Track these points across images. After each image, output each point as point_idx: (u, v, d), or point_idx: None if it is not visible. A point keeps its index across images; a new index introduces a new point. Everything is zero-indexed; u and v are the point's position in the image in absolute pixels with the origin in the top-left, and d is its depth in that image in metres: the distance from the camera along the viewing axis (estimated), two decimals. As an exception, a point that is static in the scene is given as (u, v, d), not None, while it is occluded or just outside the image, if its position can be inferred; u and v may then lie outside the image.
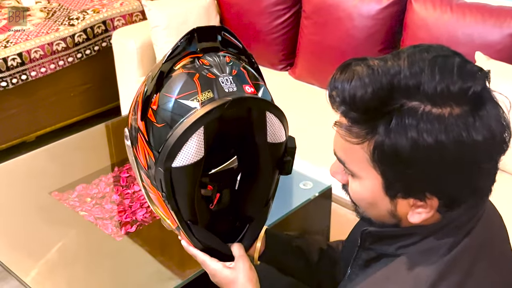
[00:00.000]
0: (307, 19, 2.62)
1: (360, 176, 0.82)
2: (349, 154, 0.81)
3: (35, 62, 2.87)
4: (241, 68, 0.99)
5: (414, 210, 0.80)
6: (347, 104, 0.76)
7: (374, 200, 0.82)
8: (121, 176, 1.91)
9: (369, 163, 0.78)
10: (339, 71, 0.78)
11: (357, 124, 0.77)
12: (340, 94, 0.77)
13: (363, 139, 0.77)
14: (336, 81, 0.77)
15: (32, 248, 1.65)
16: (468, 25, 2.16)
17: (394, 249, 0.85)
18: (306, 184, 1.85)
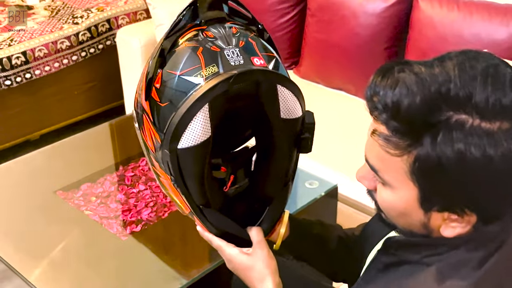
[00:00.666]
0: (312, 17, 2.61)
1: (394, 186, 0.78)
2: (385, 163, 0.76)
3: (39, 61, 2.86)
4: (249, 39, 0.92)
5: (449, 224, 0.78)
6: (390, 112, 0.72)
7: (407, 211, 0.79)
8: (126, 175, 1.90)
9: (407, 175, 0.75)
10: (380, 75, 0.74)
11: (399, 134, 0.72)
12: (382, 100, 0.72)
13: (404, 151, 0.73)
14: (377, 86, 0.73)
15: (36, 247, 1.65)
16: (475, 23, 2.15)
17: (419, 257, 0.82)
18: (312, 183, 1.84)
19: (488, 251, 0.79)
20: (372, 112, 0.75)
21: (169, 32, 0.92)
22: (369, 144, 0.78)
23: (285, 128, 0.95)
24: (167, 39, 0.92)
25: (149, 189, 1.83)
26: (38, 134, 3.04)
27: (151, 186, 1.84)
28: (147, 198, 1.79)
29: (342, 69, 2.56)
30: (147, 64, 0.96)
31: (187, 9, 0.93)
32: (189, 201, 0.94)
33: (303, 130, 0.99)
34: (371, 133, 0.76)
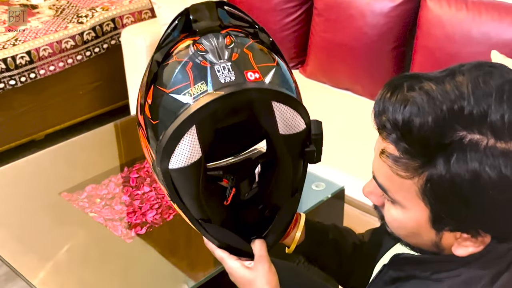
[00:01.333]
0: (319, 16, 2.59)
1: (404, 205, 0.75)
2: (395, 183, 0.73)
3: (43, 60, 2.85)
4: (244, 49, 0.86)
5: (461, 243, 0.75)
6: (400, 132, 0.69)
7: (417, 230, 0.76)
8: (131, 177, 1.89)
9: (418, 196, 0.72)
10: (389, 91, 0.71)
11: (409, 155, 0.70)
12: (391, 119, 0.69)
13: (415, 173, 0.70)
14: (386, 102, 0.70)
15: (40, 249, 1.63)
16: (484, 23, 2.12)
17: (428, 274, 0.80)
18: (319, 185, 1.82)
19: (500, 267, 0.77)
20: (381, 130, 0.73)
21: (161, 42, 0.88)
22: (377, 163, 0.75)
23: (286, 143, 0.90)
24: (159, 51, 0.88)
25: (154, 190, 1.81)
26: (42, 134, 3.03)
27: (156, 187, 1.83)
28: (152, 200, 1.77)
29: (349, 69, 2.53)
30: (144, 74, 0.92)
31: (178, 19, 0.89)
32: (188, 215, 0.92)
33: (309, 142, 0.93)
34: (379, 153, 0.73)
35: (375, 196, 0.81)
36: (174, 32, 0.89)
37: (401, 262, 0.84)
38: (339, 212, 1.89)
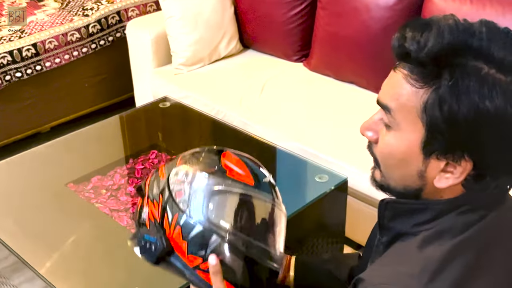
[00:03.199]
0: (323, 9, 2.59)
1: (401, 127, 0.81)
2: (401, 100, 0.80)
3: (49, 53, 2.87)
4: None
5: (443, 175, 0.80)
6: (417, 46, 0.76)
7: (407, 156, 0.81)
8: (136, 168, 1.91)
9: (418, 114, 0.78)
10: (414, 21, 0.80)
11: (422, 68, 0.77)
12: (413, 38, 0.77)
13: (424, 84, 0.77)
14: (410, 29, 0.78)
15: (47, 239, 1.66)
16: (488, 17, 2.08)
17: (410, 226, 0.84)
18: (322, 177, 1.83)
19: (473, 218, 0.81)
20: (400, 54, 0.79)
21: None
22: (387, 84, 0.83)
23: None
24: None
25: (159, 182, 1.83)
26: (48, 126, 3.05)
27: (161, 179, 1.84)
28: (157, 191, 1.79)
29: (353, 62, 2.54)
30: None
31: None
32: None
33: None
34: (393, 68, 0.81)
35: (372, 131, 0.87)
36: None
37: (386, 213, 0.88)
38: (342, 204, 1.90)
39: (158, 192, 0.99)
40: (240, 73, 2.75)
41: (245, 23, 2.90)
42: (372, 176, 0.90)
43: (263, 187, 0.99)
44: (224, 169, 0.98)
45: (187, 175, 0.97)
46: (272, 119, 2.36)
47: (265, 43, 2.89)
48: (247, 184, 0.97)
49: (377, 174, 0.89)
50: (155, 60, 2.84)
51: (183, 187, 0.97)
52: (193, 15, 2.74)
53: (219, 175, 0.97)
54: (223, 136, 2.21)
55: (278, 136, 2.22)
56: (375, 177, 0.89)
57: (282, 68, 2.77)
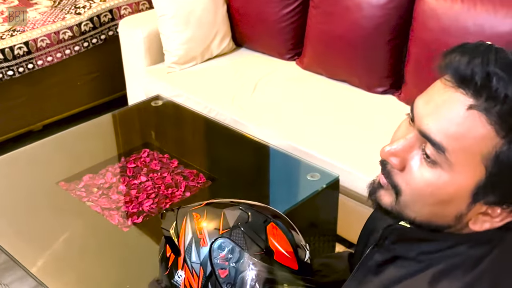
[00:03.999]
0: (316, 8, 2.60)
1: (454, 169, 0.73)
2: (461, 141, 0.71)
3: (41, 51, 2.86)
4: None
5: (480, 218, 0.76)
6: (506, 104, 0.68)
7: (452, 198, 0.74)
8: (128, 167, 1.90)
9: (482, 160, 0.71)
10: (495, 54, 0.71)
11: (503, 118, 0.69)
12: (501, 88, 0.69)
13: (502, 129, 0.69)
14: (498, 71, 0.69)
15: (39, 238, 1.65)
16: (479, 16, 2.13)
17: (416, 253, 0.80)
18: (314, 175, 1.84)
19: (485, 250, 0.77)
20: (479, 91, 0.70)
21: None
22: (447, 119, 0.72)
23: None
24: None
25: (150, 180, 1.83)
26: (40, 124, 3.04)
27: (153, 177, 1.85)
28: (149, 189, 1.79)
29: (345, 61, 2.54)
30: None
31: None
32: None
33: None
34: (468, 106, 0.70)
35: (399, 158, 0.77)
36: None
37: (392, 235, 0.84)
38: (334, 202, 1.91)
39: (198, 262, 0.95)
40: (232, 72, 2.75)
41: (237, 21, 2.90)
42: (378, 198, 0.81)
43: (305, 270, 0.98)
44: (272, 250, 0.95)
45: (233, 252, 0.94)
46: (265, 117, 2.36)
47: (258, 42, 2.89)
48: (292, 268, 0.96)
49: (388, 199, 0.80)
50: (147, 59, 2.84)
51: (227, 267, 0.94)
52: (185, 14, 2.73)
53: (266, 260, 0.94)
54: (216, 135, 2.22)
55: (270, 134, 2.22)
56: (382, 201, 0.81)
57: (275, 66, 2.77)
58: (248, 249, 0.94)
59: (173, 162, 1.93)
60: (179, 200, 1.75)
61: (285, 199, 1.81)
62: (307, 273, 0.98)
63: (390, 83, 2.48)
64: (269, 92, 2.55)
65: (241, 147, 2.11)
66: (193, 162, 1.94)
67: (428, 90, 0.77)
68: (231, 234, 0.95)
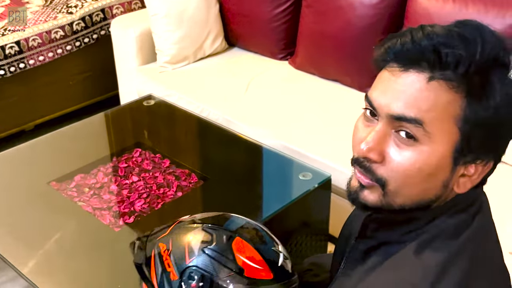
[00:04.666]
0: (308, 7, 2.60)
1: (434, 139, 0.76)
2: (437, 110, 0.75)
3: (33, 50, 2.84)
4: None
5: (461, 180, 0.80)
6: (464, 63, 0.74)
7: (437, 169, 0.77)
8: (120, 167, 1.90)
9: (455, 121, 0.75)
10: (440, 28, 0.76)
11: (463, 77, 0.74)
12: (454, 54, 0.74)
13: (464, 89, 0.74)
14: (445, 39, 0.75)
15: (30, 238, 1.65)
16: (471, 15, 2.14)
17: (398, 235, 0.82)
18: (306, 175, 1.84)
19: (464, 218, 0.81)
20: (433, 63, 0.74)
21: None
22: (405, 93, 0.76)
23: None
24: None
25: (142, 180, 1.83)
26: (32, 124, 3.03)
27: (145, 177, 1.84)
28: (140, 189, 1.78)
29: (337, 60, 2.55)
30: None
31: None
32: None
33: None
34: (428, 79, 0.75)
35: (376, 151, 0.79)
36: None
37: (371, 225, 0.86)
38: (325, 201, 1.91)
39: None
40: (225, 71, 2.75)
41: (230, 21, 2.90)
42: (364, 199, 0.82)
43: (281, 274, 0.97)
44: (242, 268, 0.94)
45: (204, 280, 0.93)
46: (257, 117, 2.36)
47: (250, 41, 2.89)
48: (266, 279, 0.95)
49: (373, 196, 0.81)
50: (139, 58, 2.83)
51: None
52: (178, 13, 2.73)
53: (238, 279, 0.93)
54: (208, 135, 2.21)
55: (262, 134, 2.22)
56: (369, 200, 0.82)
57: (267, 66, 2.77)
58: (218, 273, 0.93)
59: (165, 162, 1.92)
60: (170, 200, 1.75)
61: (277, 198, 1.81)
62: (284, 276, 0.98)
63: (382, 83, 2.48)
64: (261, 91, 2.55)
65: (233, 146, 2.11)
66: (185, 161, 1.94)
67: (378, 83, 0.81)
68: (198, 262, 0.94)
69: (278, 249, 0.99)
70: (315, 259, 1.28)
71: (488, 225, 0.86)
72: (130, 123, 2.37)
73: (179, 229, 1.01)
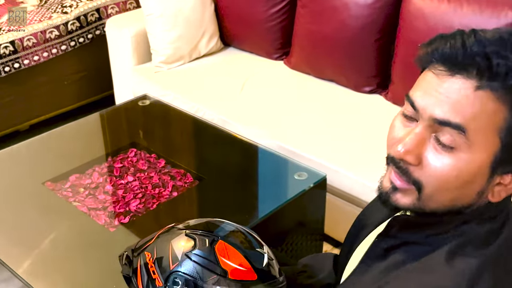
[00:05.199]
0: (303, 7, 2.60)
1: (473, 148, 0.75)
2: (481, 119, 0.74)
3: (28, 50, 2.84)
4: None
5: (496, 189, 0.79)
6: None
7: (474, 177, 0.77)
8: (115, 166, 1.90)
9: (497, 132, 0.75)
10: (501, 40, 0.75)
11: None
12: (506, 65, 0.73)
13: (509, 101, 0.73)
14: (500, 49, 0.73)
15: (25, 239, 1.64)
16: (465, 15, 2.14)
17: (423, 237, 0.82)
18: (301, 175, 1.84)
19: (495, 226, 0.81)
20: (482, 72, 0.73)
21: None
22: (458, 103, 0.74)
23: None
24: None
25: (137, 180, 1.83)
26: (27, 124, 3.02)
27: (140, 177, 1.84)
28: (136, 189, 1.78)
29: (333, 60, 2.55)
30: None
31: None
32: None
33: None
34: (475, 87, 0.73)
35: (413, 154, 0.78)
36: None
37: (398, 224, 0.85)
38: (321, 201, 1.91)
39: None
40: (220, 71, 2.75)
41: (225, 20, 2.90)
42: (396, 202, 0.81)
43: (265, 275, 0.98)
44: (225, 270, 0.95)
45: (188, 285, 0.94)
46: (252, 117, 2.36)
47: (246, 41, 2.89)
48: (250, 280, 0.96)
49: (407, 199, 0.81)
50: (135, 58, 2.83)
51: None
52: (173, 13, 2.73)
53: (222, 282, 0.94)
54: (203, 134, 2.21)
55: (257, 134, 2.22)
56: (401, 203, 0.81)
57: (263, 66, 2.77)
58: (202, 277, 0.94)
59: (160, 162, 1.92)
60: (166, 200, 1.74)
61: (272, 198, 1.81)
62: (268, 277, 0.98)
63: (377, 83, 2.49)
64: (257, 91, 2.55)
65: (228, 146, 2.11)
66: (180, 161, 1.94)
67: (421, 84, 0.79)
68: (182, 266, 0.95)
69: (263, 251, 1.00)
70: (309, 260, 1.28)
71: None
72: (125, 123, 2.37)
73: (163, 236, 1.02)
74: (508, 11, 2.07)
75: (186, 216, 1.77)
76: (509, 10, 2.07)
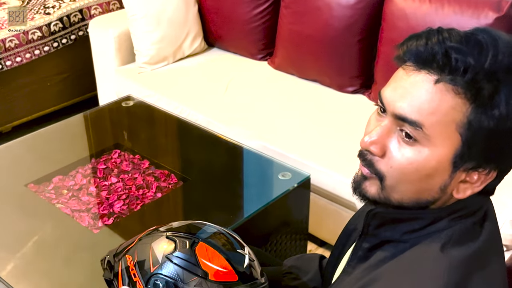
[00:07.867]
0: (287, 8, 2.61)
1: (433, 142, 0.77)
2: (439, 114, 0.76)
3: (10, 52, 2.82)
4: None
5: (461, 186, 0.80)
6: (471, 72, 0.74)
7: (435, 171, 0.78)
8: (98, 168, 1.89)
9: (457, 128, 0.76)
10: (460, 36, 0.76)
11: (473, 83, 0.74)
12: (463, 60, 0.74)
13: (471, 97, 0.74)
14: (457, 45, 0.75)
15: (8, 241, 1.63)
16: (446, 16, 2.17)
17: (400, 234, 0.84)
18: (285, 174, 1.85)
19: (471, 224, 0.82)
20: (442, 66, 0.75)
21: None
22: (411, 94, 0.78)
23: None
24: None
25: (121, 181, 1.82)
26: (10, 126, 3.00)
27: (124, 178, 1.84)
28: (119, 190, 1.78)
29: (316, 61, 2.56)
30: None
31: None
32: None
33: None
34: (435, 81, 0.76)
35: (378, 145, 0.81)
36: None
37: (373, 221, 0.86)
38: (305, 201, 1.92)
39: None
40: (204, 72, 2.75)
41: (209, 21, 2.90)
42: (364, 190, 0.85)
43: (246, 276, 0.99)
44: (206, 272, 0.95)
45: (169, 287, 0.95)
46: (236, 117, 2.36)
47: (230, 42, 2.89)
48: (231, 281, 0.96)
49: (373, 188, 0.84)
50: (118, 59, 2.82)
51: None
52: (156, 13, 2.72)
53: (203, 283, 0.94)
54: (187, 135, 2.21)
55: (242, 134, 2.23)
56: (368, 192, 0.84)
57: (247, 66, 2.78)
58: (182, 279, 0.94)
59: (144, 163, 1.92)
60: (150, 201, 1.74)
61: (257, 198, 1.82)
62: (249, 278, 0.99)
63: (360, 83, 2.51)
64: (241, 92, 2.56)
65: (212, 147, 2.11)
66: (164, 162, 1.94)
67: (392, 80, 0.82)
68: (162, 269, 0.95)
69: (244, 252, 1.01)
70: (295, 262, 1.28)
71: (497, 234, 0.87)
72: (109, 124, 2.36)
73: (144, 239, 1.03)
74: (488, 11, 2.10)
75: (170, 217, 1.78)
76: (489, 11, 2.10)
